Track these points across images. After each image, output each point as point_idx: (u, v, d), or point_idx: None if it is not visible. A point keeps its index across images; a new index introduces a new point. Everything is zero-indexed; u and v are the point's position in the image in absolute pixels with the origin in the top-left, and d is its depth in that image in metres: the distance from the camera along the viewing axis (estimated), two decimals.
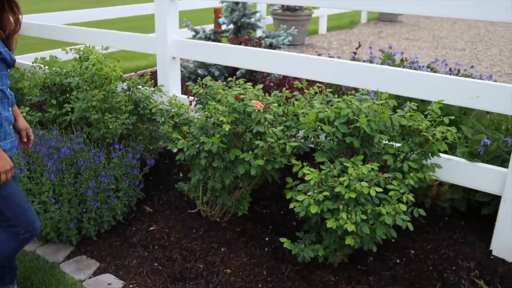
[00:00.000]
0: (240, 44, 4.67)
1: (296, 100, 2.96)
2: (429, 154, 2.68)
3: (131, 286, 2.87)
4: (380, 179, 2.46)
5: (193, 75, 5.38)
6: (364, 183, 2.37)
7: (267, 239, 3.20)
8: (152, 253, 3.13)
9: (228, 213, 3.38)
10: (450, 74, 3.97)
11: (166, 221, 3.41)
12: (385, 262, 2.99)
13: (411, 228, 2.53)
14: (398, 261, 3.00)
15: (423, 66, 4.15)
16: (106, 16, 6.81)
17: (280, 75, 4.59)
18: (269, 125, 2.85)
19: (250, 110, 2.82)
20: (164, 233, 3.29)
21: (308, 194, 2.49)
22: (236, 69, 5.18)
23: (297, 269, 2.92)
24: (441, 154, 2.99)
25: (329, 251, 2.77)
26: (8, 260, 2.53)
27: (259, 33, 6.18)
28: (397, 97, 3.37)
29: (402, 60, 4.62)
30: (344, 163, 2.52)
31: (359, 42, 4.66)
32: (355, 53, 4.42)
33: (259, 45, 4.87)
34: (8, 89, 2.33)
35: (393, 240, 3.15)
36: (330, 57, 3.87)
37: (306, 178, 2.52)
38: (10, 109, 2.33)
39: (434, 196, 3.49)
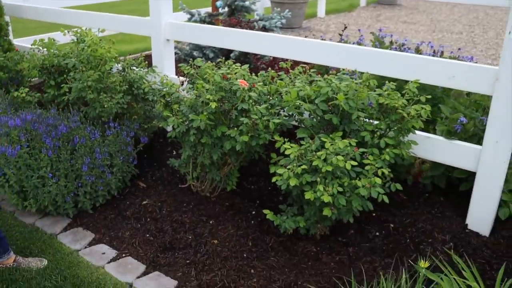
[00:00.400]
0: (231, 26, 4.79)
1: (281, 79, 3.10)
2: (405, 131, 2.82)
3: (123, 255, 3.04)
4: (356, 153, 2.61)
5: (189, 57, 5.50)
6: (340, 157, 2.52)
7: (253, 212, 3.36)
8: (145, 225, 3.30)
9: (217, 189, 3.54)
10: (433, 55, 4.09)
11: (159, 196, 3.58)
12: (365, 234, 3.15)
13: (386, 200, 2.68)
14: (377, 234, 3.16)
15: (408, 48, 4.26)
16: (106, 0, 6.92)
17: (270, 56, 4.72)
18: (253, 103, 2.99)
19: (235, 88, 2.96)
20: (156, 206, 3.46)
21: (288, 167, 2.65)
22: (231, 51, 5.30)
23: (280, 240, 3.09)
24: (420, 132, 3.13)
25: (310, 223, 2.93)
26: None
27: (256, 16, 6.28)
28: (383, 78, 3.50)
29: (391, 43, 4.73)
30: (322, 138, 2.67)
31: (345, 25, 4.77)
32: (341, 35, 4.54)
33: (250, 28, 4.98)
34: None
35: (373, 215, 3.32)
36: (322, 39, 4.00)
37: (286, 152, 2.67)
38: None
39: (416, 173, 3.63)
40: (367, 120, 2.90)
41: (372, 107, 2.85)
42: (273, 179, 2.77)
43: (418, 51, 4.31)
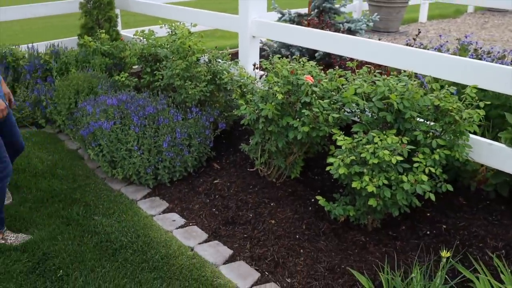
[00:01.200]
0: (314, 27, 5.03)
1: (344, 77, 3.32)
2: (459, 134, 2.92)
3: (190, 224, 3.43)
4: (404, 150, 2.77)
5: (276, 54, 5.81)
6: (386, 151, 2.70)
7: (312, 200, 3.60)
8: (213, 201, 3.66)
9: (282, 175, 3.82)
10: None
11: (229, 177, 3.93)
12: (416, 232, 3.28)
13: (432, 198, 2.81)
14: (428, 232, 3.27)
15: (488, 56, 4.26)
16: None
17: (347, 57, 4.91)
18: (316, 98, 3.24)
19: (301, 83, 3.22)
20: (226, 186, 3.81)
21: (339, 157, 2.87)
22: (316, 51, 5.54)
23: (333, 227, 3.31)
24: (482, 139, 3.18)
25: (360, 213, 3.12)
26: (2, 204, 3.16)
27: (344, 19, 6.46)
28: (454, 84, 3.58)
29: (475, 50, 4.73)
30: (373, 133, 2.85)
31: (418, 29, 4.83)
32: (414, 39, 4.63)
33: (336, 29, 5.19)
34: None
35: (428, 215, 3.42)
36: (407, 45, 4.15)
37: (338, 143, 2.90)
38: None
39: (480, 180, 3.67)
40: (422, 120, 3.04)
41: (428, 109, 2.98)
42: (327, 168, 3.00)
43: (500, 59, 4.29)
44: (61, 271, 2.96)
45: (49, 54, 5.77)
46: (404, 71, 3.21)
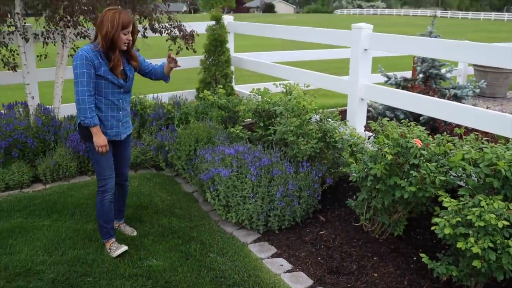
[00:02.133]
0: (420, 92, 5.25)
1: (452, 143, 3.50)
2: None
3: (297, 269, 3.70)
4: (511, 215, 2.89)
5: (381, 116, 6.07)
6: (492, 215, 2.84)
7: (415, 258, 3.74)
8: (318, 250, 3.92)
9: (385, 232, 4.00)
10: None
11: (334, 229, 4.18)
12: None
13: None
14: None
15: None
16: (306, 58, 7.99)
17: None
18: (424, 160, 3.44)
19: (410, 145, 3.46)
20: (331, 237, 4.06)
21: (444, 217, 3.04)
22: (420, 115, 5.73)
23: (434, 286, 3.43)
24: None
25: (463, 274, 3.23)
26: (106, 215, 3.84)
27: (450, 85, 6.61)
28: None
29: None
30: (479, 197, 3.00)
31: None
32: None
33: (442, 95, 5.37)
34: (121, 100, 3.75)
35: None
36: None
37: (445, 205, 3.07)
38: (120, 112, 3.76)
39: None
40: None
41: None
42: (432, 228, 3.17)
43: None
44: None
45: (172, 105, 6.43)
46: None
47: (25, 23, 5.76)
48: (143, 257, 3.82)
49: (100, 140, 3.61)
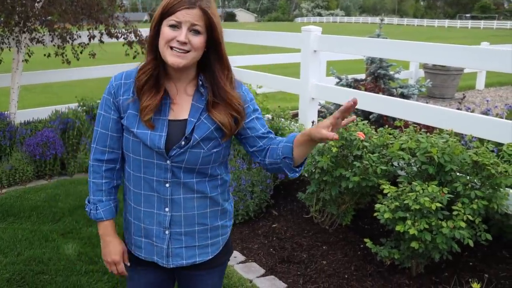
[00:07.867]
0: (369, 91, 5.50)
1: (390, 134, 3.73)
2: (496, 186, 3.24)
3: (250, 260, 3.84)
4: (444, 198, 3.11)
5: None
6: (427, 198, 3.05)
7: (362, 246, 3.94)
8: (270, 242, 4.07)
9: (335, 223, 4.19)
10: None
11: (286, 222, 4.34)
12: (458, 278, 3.54)
13: (471, 244, 3.10)
14: (469, 280, 3.52)
15: None
16: (266, 62, 8.22)
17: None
18: (367, 152, 3.65)
19: (353, 138, 3.66)
20: (282, 230, 4.22)
21: (385, 203, 3.24)
22: (371, 113, 5.98)
23: (379, 270, 3.63)
24: None
25: (404, 256, 3.44)
26: None
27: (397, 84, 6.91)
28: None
29: None
30: (415, 183, 3.22)
31: (463, 93, 5.20)
32: (460, 103, 5.00)
33: (390, 94, 5.64)
34: (169, 185, 1.84)
35: (470, 264, 3.68)
36: (458, 109, 4.55)
37: (384, 191, 3.27)
38: (166, 209, 1.86)
39: None
40: (460, 174, 3.38)
41: (468, 164, 3.33)
42: (374, 214, 3.37)
43: None
44: None
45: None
46: (447, 130, 3.59)
47: None
48: (99, 254, 3.88)
49: (106, 250, 1.95)
